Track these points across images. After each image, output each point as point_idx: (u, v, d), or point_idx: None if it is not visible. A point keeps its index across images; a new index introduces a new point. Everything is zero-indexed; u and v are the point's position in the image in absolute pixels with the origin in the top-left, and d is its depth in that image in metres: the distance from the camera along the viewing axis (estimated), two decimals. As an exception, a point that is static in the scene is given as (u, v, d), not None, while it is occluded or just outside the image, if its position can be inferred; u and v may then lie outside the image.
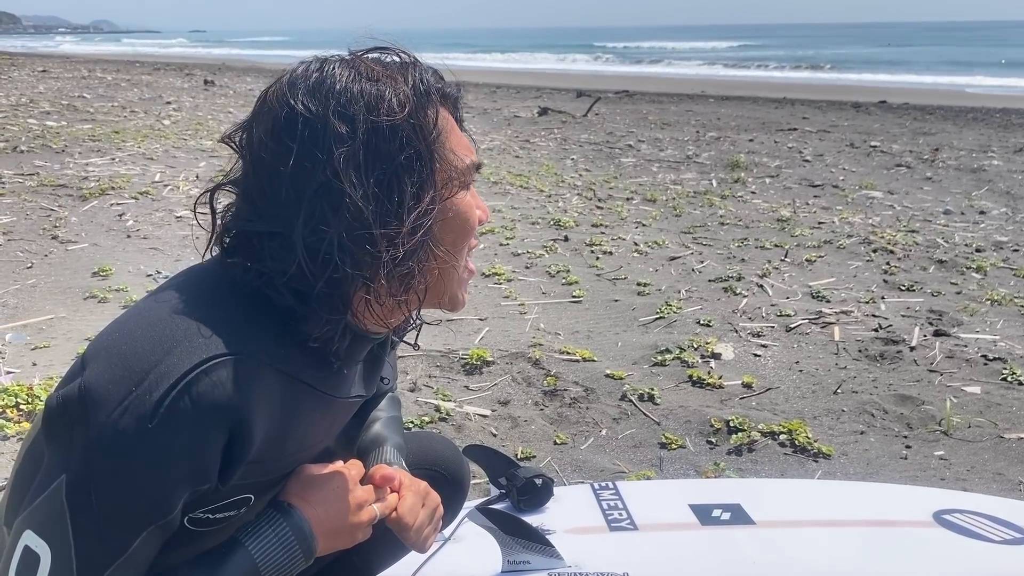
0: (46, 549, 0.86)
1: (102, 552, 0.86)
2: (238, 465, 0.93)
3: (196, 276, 1.00)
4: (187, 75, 20.69)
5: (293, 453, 1.03)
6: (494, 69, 31.28)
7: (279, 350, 0.95)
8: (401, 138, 0.94)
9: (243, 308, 0.94)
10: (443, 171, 0.99)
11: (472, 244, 1.08)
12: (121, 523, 0.87)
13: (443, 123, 1.00)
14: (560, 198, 6.92)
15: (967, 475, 2.62)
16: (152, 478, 0.86)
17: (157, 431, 0.85)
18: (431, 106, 0.98)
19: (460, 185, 1.02)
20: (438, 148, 0.98)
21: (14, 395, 2.74)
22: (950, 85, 23.48)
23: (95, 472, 0.85)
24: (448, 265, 1.03)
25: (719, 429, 2.84)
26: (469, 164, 1.04)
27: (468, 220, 1.04)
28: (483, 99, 16.74)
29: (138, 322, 0.92)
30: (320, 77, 0.95)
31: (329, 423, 1.11)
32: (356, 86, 0.94)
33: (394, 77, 0.97)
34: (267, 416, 0.94)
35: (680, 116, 14.33)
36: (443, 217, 1.01)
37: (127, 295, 3.95)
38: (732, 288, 4.40)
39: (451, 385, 3.13)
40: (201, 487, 0.91)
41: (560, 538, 1.90)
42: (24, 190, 6.02)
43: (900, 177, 8.58)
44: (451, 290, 1.07)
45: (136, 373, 0.86)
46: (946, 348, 3.58)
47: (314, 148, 0.91)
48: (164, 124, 10.36)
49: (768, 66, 33.32)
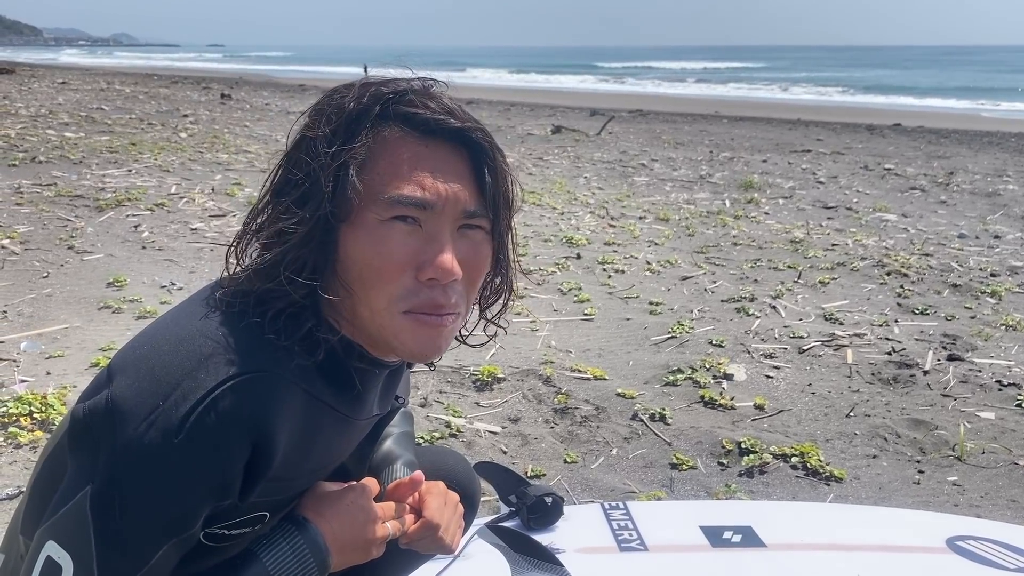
0: (68, 560, 0.87)
1: (123, 564, 0.87)
2: (259, 482, 0.94)
3: (218, 290, 1.01)
4: (204, 88, 20.88)
5: (311, 472, 1.04)
6: (508, 87, 31.44)
7: (301, 370, 0.96)
8: (309, 152, 0.95)
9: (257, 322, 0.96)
10: (344, 194, 0.93)
11: (411, 299, 0.96)
12: (143, 536, 0.87)
13: (373, 147, 0.95)
14: (573, 216, 6.93)
15: (980, 501, 2.60)
16: (176, 492, 0.87)
17: (183, 446, 0.86)
18: (358, 126, 0.95)
19: (376, 216, 0.94)
20: (336, 167, 0.93)
21: (28, 403, 2.76)
22: (966, 109, 23.46)
23: (120, 484, 0.86)
24: (354, 298, 0.96)
25: (730, 450, 2.82)
26: (390, 197, 0.94)
27: (377, 256, 0.94)
28: (497, 116, 16.82)
29: (166, 336, 0.93)
30: (333, 92, 1.00)
31: (347, 442, 1.12)
32: (330, 102, 0.98)
33: (359, 97, 0.97)
34: (289, 434, 0.94)
35: (693, 136, 14.35)
36: (344, 243, 0.95)
37: (141, 306, 3.97)
38: (745, 309, 4.39)
39: (462, 401, 3.13)
40: (222, 502, 0.91)
41: (570, 557, 1.89)
42: (42, 200, 6.08)
43: (914, 200, 8.56)
44: (382, 336, 0.99)
45: (163, 387, 0.87)
46: (960, 373, 3.56)
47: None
48: (181, 137, 10.45)
49: (782, 87, 33.34)
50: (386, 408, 1.22)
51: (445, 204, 0.96)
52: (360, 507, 1.07)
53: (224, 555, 1.00)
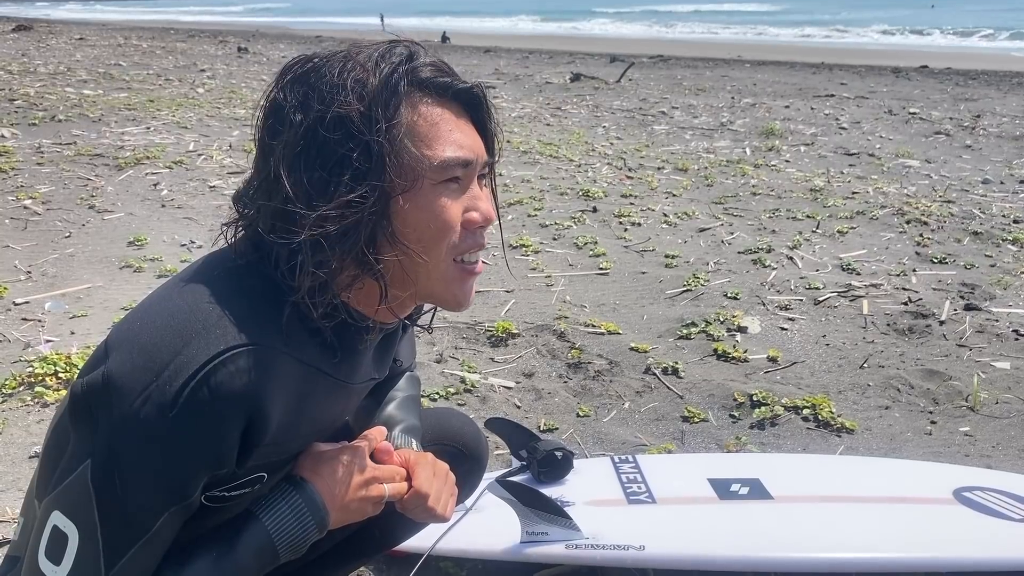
0: (74, 529, 0.91)
1: (126, 532, 0.91)
2: (254, 449, 0.97)
3: (212, 265, 1.03)
4: (221, 42, 20.76)
5: (307, 435, 1.08)
6: (526, 34, 30.98)
7: (292, 338, 0.98)
8: (347, 128, 0.95)
9: (257, 297, 0.98)
10: (398, 165, 0.97)
11: (462, 245, 1.05)
12: (144, 506, 0.91)
13: (412, 117, 0.99)
14: (590, 168, 6.89)
15: (992, 452, 2.61)
16: (172, 464, 0.91)
17: (177, 420, 0.89)
18: (396, 98, 0.98)
19: (431, 181, 1.01)
20: (391, 141, 0.97)
21: (53, 364, 2.83)
22: (996, 49, 22.83)
23: (118, 458, 0.90)
24: (418, 261, 1.02)
25: (742, 403, 2.85)
26: (443, 161, 1.01)
27: (437, 218, 1.02)
28: (515, 65, 16.62)
29: (158, 311, 0.96)
30: (310, 68, 0.99)
31: (343, 406, 1.15)
32: (332, 78, 0.97)
33: (373, 70, 0.98)
34: (282, 403, 0.98)
35: (715, 82, 14.12)
36: (400, 211, 0.99)
37: (162, 265, 4.03)
38: (761, 260, 4.38)
39: (476, 357, 3.17)
40: (219, 471, 0.95)
41: (579, 510, 1.94)
42: (62, 159, 6.13)
43: (939, 145, 8.41)
44: (432, 288, 1.07)
45: (157, 363, 0.90)
46: (977, 322, 3.55)
47: (271, 136, 0.99)
48: (198, 92, 10.45)
49: (802, 31, 32.56)
50: (384, 372, 1.25)
51: (477, 159, 1.05)
52: (355, 466, 1.11)
53: (224, 515, 1.04)
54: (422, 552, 1.76)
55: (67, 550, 0.91)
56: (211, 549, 1.00)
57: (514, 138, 8.05)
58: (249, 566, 1.02)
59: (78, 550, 0.91)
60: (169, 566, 0.97)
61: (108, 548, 0.91)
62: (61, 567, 0.92)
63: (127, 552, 0.91)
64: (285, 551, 1.05)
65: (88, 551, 0.91)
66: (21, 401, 2.68)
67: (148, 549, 0.93)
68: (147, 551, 0.93)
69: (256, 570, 1.04)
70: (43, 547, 0.93)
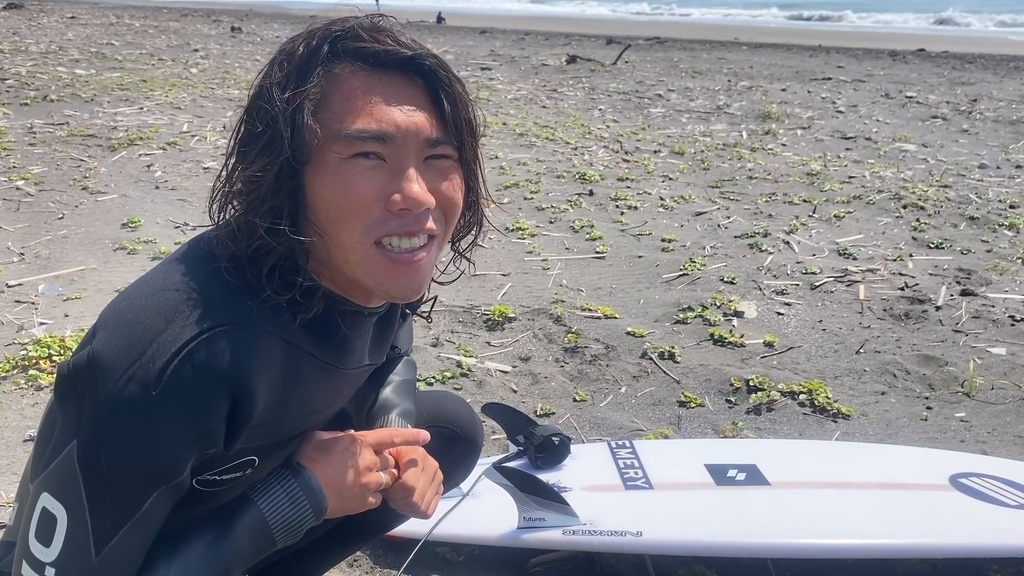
0: (62, 510, 0.90)
1: (115, 513, 0.90)
2: (241, 430, 0.96)
3: (199, 246, 1.03)
4: (214, 21, 20.57)
5: (296, 418, 1.07)
6: (523, 15, 30.79)
7: (277, 318, 0.97)
8: (266, 100, 0.96)
9: (243, 277, 0.97)
10: (293, 136, 0.94)
11: (381, 228, 0.97)
12: (131, 486, 0.91)
13: (327, 88, 0.96)
14: (587, 151, 6.86)
15: (987, 437, 2.62)
16: (157, 443, 0.90)
17: (160, 399, 0.88)
18: (308, 68, 0.96)
19: (338, 155, 0.95)
20: (293, 112, 0.94)
21: (47, 346, 2.82)
22: (993, 32, 22.77)
23: (104, 438, 0.89)
24: (332, 241, 0.98)
25: (739, 388, 2.85)
26: (348, 133, 0.95)
27: (343, 194, 0.95)
28: (511, 46, 16.51)
29: (143, 291, 0.96)
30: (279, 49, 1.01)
31: (335, 391, 1.14)
32: (277, 55, 0.99)
33: (305, 40, 0.98)
34: (268, 383, 0.97)
35: (712, 64, 14.05)
36: (311, 186, 0.96)
37: (156, 247, 4.01)
38: (758, 245, 4.37)
39: (473, 341, 3.16)
40: (207, 451, 0.94)
41: (576, 496, 1.94)
42: (55, 140, 6.08)
43: (935, 129, 8.39)
44: (352, 272, 1.00)
45: (140, 342, 0.90)
46: (973, 308, 3.55)
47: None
48: (192, 72, 10.37)
49: (798, 13, 32.39)
50: (381, 358, 1.24)
51: (405, 135, 0.97)
52: (353, 454, 1.10)
53: (218, 500, 1.03)
54: (419, 537, 1.76)
55: (56, 532, 0.91)
56: (206, 532, 0.99)
57: (510, 120, 8.01)
58: (244, 550, 1.02)
59: (67, 532, 0.90)
60: (163, 548, 0.96)
61: (97, 529, 0.90)
62: (51, 549, 0.91)
63: (116, 533, 0.91)
64: (281, 535, 1.05)
65: (77, 533, 0.90)
66: (15, 384, 2.67)
67: (138, 530, 0.92)
68: (137, 533, 0.92)
69: (251, 554, 1.03)
70: (33, 529, 0.92)
